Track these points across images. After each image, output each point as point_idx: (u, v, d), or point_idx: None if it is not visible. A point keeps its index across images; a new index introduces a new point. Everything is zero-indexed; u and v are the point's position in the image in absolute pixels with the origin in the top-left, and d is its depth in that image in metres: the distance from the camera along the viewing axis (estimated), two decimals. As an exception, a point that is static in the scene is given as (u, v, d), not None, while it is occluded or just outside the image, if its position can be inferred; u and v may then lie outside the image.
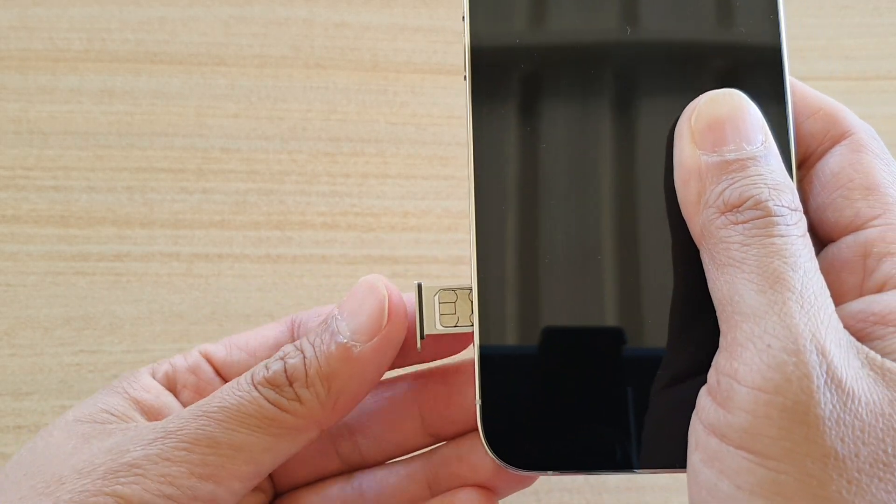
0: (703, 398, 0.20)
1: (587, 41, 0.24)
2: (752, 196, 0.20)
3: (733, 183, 0.20)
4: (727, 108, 0.21)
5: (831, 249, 0.22)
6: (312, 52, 0.43)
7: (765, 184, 0.20)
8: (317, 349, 0.23)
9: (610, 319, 0.23)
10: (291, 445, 0.23)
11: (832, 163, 0.22)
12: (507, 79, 0.24)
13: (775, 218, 0.20)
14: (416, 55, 0.43)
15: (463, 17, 0.24)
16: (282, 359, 0.23)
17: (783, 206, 0.20)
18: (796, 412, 0.18)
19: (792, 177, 0.23)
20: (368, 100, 0.42)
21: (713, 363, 0.20)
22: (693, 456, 0.20)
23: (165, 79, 0.42)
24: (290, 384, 0.22)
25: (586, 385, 0.23)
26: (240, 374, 0.26)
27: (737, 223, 0.20)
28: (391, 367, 0.25)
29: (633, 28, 0.24)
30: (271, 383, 0.22)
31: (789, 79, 0.24)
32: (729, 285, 0.20)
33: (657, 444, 0.23)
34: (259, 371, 0.23)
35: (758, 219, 0.20)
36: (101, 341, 0.38)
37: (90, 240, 0.40)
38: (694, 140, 0.21)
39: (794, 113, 0.23)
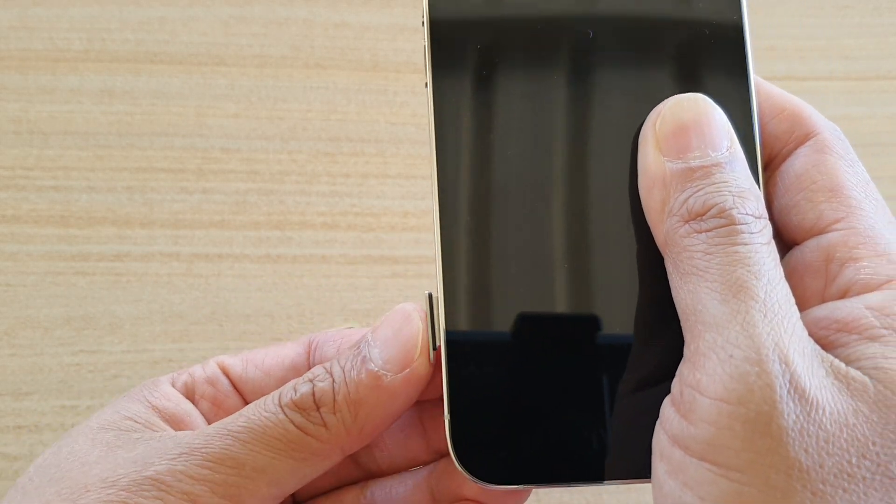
0: (667, 409, 0.20)
1: (550, 44, 0.23)
2: (716, 204, 0.20)
3: (697, 191, 0.20)
4: (692, 113, 0.21)
5: (795, 253, 0.22)
6: (312, 52, 0.43)
7: (729, 191, 0.20)
8: (346, 374, 0.23)
9: (576, 330, 0.23)
10: (314, 469, 0.23)
11: (797, 164, 0.22)
12: (469, 84, 0.23)
13: (739, 226, 0.20)
14: (416, 55, 0.43)
15: (423, 23, 0.24)
16: (311, 381, 0.23)
17: (747, 213, 0.20)
18: (759, 423, 0.18)
19: (758, 182, 0.22)
20: (368, 100, 0.42)
21: (677, 373, 0.20)
22: (657, 466, 0.20)
23: (165, 79, 0.42)
24: (318, 409, 0.22)
25: (554, 397, 0.23)
26: (254, 392, 0.26)
27: (700, 231, 0.20)
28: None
29: (597, 31, 0.23)
30: (298, 406, 0.22)
31: (754, 79, 0.23)
32: (692, 294, 0.20)
33: (625, 455, 0.22)
34: (287, 392, 0.23)
35: (721, 227, 0.20)
36: (101, 341, 0.38)
37: (90, 240, 0.40)
38: (658, 146, 0.21)
39: (759, 115, 0.23)
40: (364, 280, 0.40)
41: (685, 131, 0.21)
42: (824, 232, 0.21)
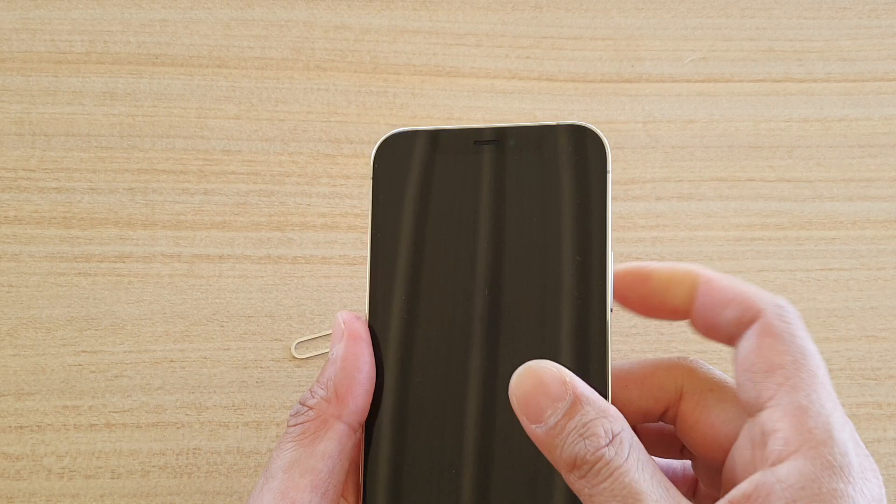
0: None
1: (449, 298, 0.28)
2: (576, 454, 0.24)
3: (563, 445, 0.24)
4: (531, 383, 0.25)
5: (750, 425, 0.26)
6: (313, 55, 0.43)
7: (580, 434, 0.24)
8: (312, 389, 0.27)
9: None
10: (329, 444, 0.26)
11: (743, 347, 0.26)
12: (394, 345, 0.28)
13: (597, 464, 0.23)
14: (416, 57, 0.43)
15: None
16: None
17: (599, 445, 0.24)
18: None
19: (607, 393, 0.26)
20: (368, 101, 0.43)
21: None
22: None
23: (167, 80, 0.42)
24: (303, 403, 0.27)
25: None
26: None
27: (581, 478, 0.24)
28: None
29: (491, 288, 0.27)
30: (295, 414, 0.27)
31: (610, 329, 0.26)
32: None
33: None
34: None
35: (589, 469, 0.23)
36: (103, 342, 0.39)
37: (92, 241, 0.40)
38: (525, 416, 0.25)
39: (611, 352, 0.26)
40: (364, 281, 0.40)
41: (533, 399, 0.24)
42: (763, 408, 0.25)
